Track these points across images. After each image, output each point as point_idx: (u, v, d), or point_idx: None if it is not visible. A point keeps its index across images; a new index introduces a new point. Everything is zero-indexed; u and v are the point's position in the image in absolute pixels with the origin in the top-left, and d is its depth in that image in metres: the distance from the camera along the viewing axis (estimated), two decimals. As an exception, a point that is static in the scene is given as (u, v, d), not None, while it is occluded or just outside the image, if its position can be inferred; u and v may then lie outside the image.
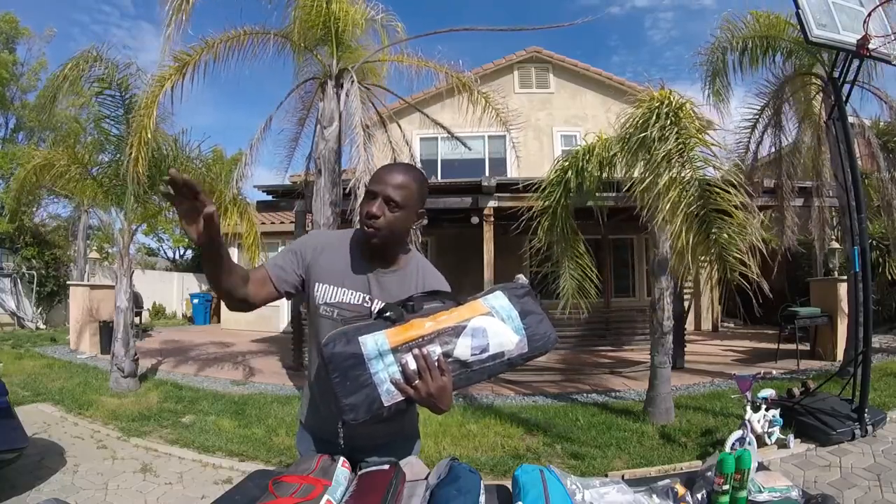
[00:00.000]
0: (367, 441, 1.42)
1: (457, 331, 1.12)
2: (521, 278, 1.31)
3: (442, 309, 1.17)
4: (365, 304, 1.35)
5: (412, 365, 1.08)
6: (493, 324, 1.15)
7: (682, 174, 3.79)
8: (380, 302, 1.34)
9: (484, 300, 1.20)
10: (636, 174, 4.29)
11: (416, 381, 1.08)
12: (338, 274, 1.36)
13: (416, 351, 1.09)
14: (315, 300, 1.36)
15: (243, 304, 1.30)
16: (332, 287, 1.35)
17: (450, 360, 1.12)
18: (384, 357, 1.08)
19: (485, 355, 1.14)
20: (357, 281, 1.36)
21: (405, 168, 1.39)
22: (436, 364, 1.09)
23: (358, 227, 1.45)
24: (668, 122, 3.87)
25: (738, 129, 7.21)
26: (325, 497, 1.07)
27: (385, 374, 1.08)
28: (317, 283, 1.36)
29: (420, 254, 1.51)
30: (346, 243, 1.40)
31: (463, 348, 1.12)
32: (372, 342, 1.08)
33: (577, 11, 40.41)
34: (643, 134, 3.94)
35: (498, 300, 1.20)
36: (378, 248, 1.34)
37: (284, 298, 1.44)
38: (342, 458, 1.24)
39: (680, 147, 3.82)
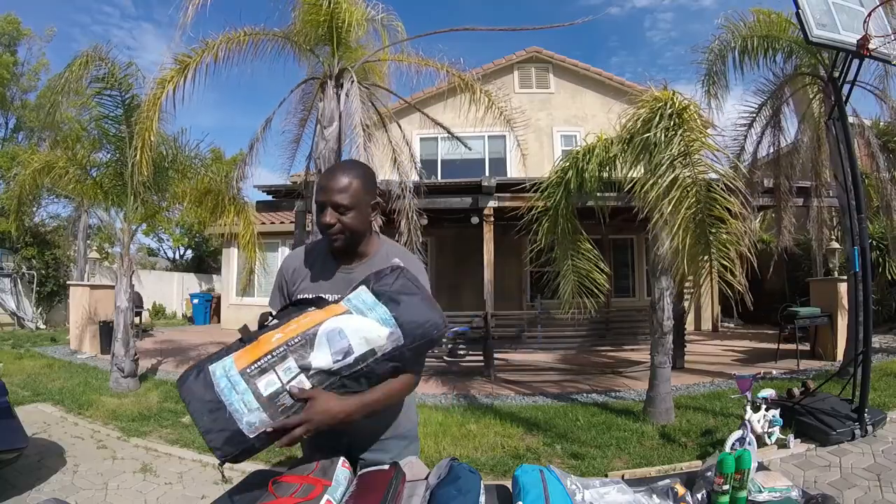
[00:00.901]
0: (360, 440, 1.43)
1: (308, 339, 1.04)
2: (396, 261, 1.27)
3: (296, 316, 1.10)
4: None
5: (265, 390, 1.01)
6: (350, 322, 1.07)
7: (685, 176, 3.79)
8: None
9: (346, 300, 1.13)
10: (638, 174, 4.29)
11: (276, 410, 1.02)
12: (315, 282, 1.45)
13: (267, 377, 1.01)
14: None
15: None
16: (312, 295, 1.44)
17: (312, 372, 1.04)
18: (235, 385, 0.99)
19: (351, 358, 1.06)
20: (332, 283, 1.43)
21: (344, 168, 1.42)
22: (286, 391, 1.02)
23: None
24: (672, 123, 3.87)
25: (735, 127, 7.22)
26: (325, 497, 1.06)
27: (241, 405, 0.99)
28: (301, 295, 1.44)
29: (388, 238, 1.56)
30: (317, 252, 1.49)
31: (322, 357, 1.04)
32: (220, 370, 0.99)
33: (577, 12, 40.46)
34: (647, 135, 3.93)
35: (358, 295, 1.13)
36: (343, 249, 1.41)
37: None
38: (342, 459, 1.23)
39: (683, 150, 3.82)
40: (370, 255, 1.45)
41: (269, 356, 1.02)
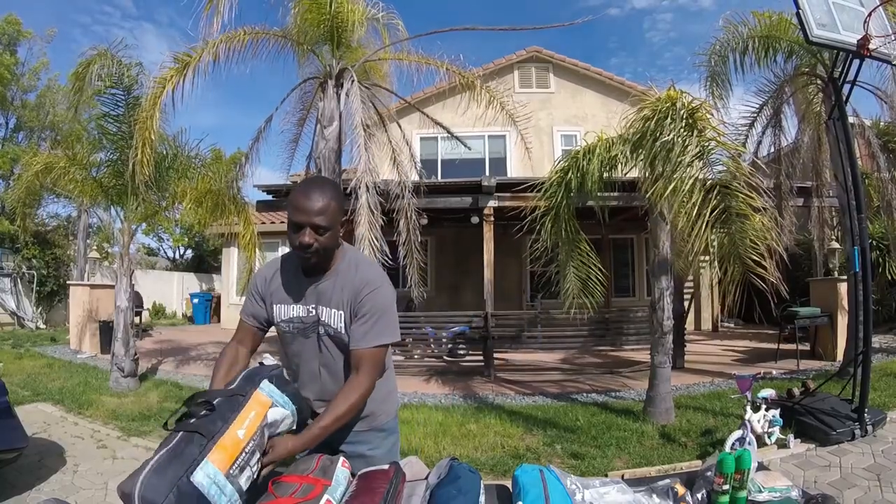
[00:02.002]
0: (339, 434, 1.47)
1: (261, 430, 1.16)
2: (268, 357, 1.43)
3: (237, 410, 1.15)
4: (310, 314, 1.50)
5: (245, 484, 1.07)
6: (275, 412, 1.23)
7: (705, 176, 3.81)
8: (322, 308, 1.47)
9: (260, 390, 1.24)
10: (648, 174, 4.29)
11: None
12: (285, 294, 1.53)
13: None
14: (275, 319, 1.55)
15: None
16: (283, 306, 1.53)
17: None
18: (223, 489, 1.01)
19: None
20: (301, 296, 1.51)
21: (320, 189, 1.43)
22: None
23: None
24: (685, 124, 3.87)
25: (736, 127, 7.22)
26: (325, 497, 1.07)
27: None
28: (273, 306, 1.54)
29: (349, 245, 1.60)
30: (288, 265, 1.55)
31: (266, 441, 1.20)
32: (206, 479, 0.99)
33: (577, 12, 40.43)
34: (667, 139, 3.90)
35: (269, 388, 1.26)
36: (316, 265, 1.47)
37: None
38: (342, 458, 1.24)
39: (699, 151, 3.82)
40: (335, 267, 1.50)
41: (244, 454, 1.09)
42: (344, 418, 1.37)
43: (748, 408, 3.73)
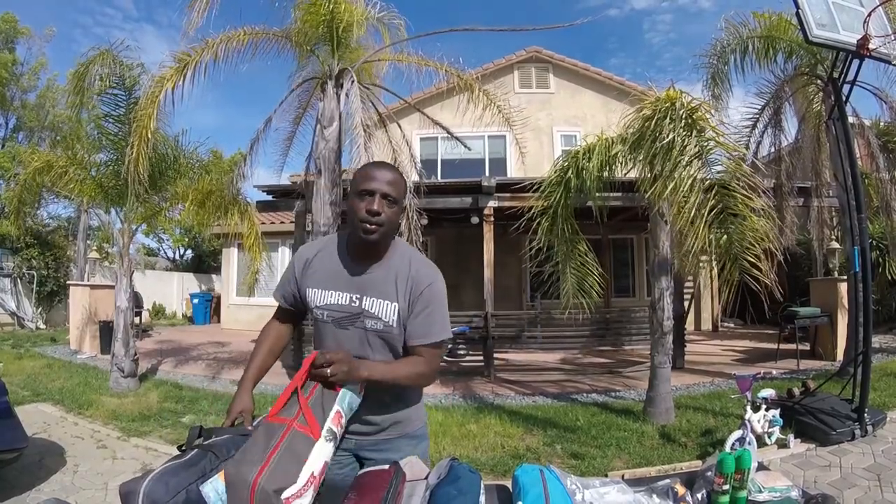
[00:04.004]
0: (368, 441, 1.43)
1: None
2: None
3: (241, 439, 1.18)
4: (353, 304, 1.39)
5: None
6: None
7: (704, 176, 3.81)
8: (369, 298, 1.39)
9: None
10: (647, 174, 4.29)
11: None
12: (326, 278, 1.43)
13: None
14: (309, 305, 1.45)
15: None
16: (321, 291, 1.42)
17: None
18: None
19: None
20: (345, 282, 1.41)
21: (390, 165, 1.44)
22: None
23: (344, 231, 1.49)
24: (684, 123, 3.87)
25: (738, 128, 7.22)
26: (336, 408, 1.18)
27: None
28: (308, 290, 1.44)
29: (403, 240, 1.54)
30: (333, 248, 1.45)
31: None
32: (213, 492, 1.04)
33: (577, 13, 40.41)
34: (667, 139, 3.90)
35: None
36: (374, 245, 1.37)
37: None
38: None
39: (698, 151, 3.82)
40: (388, 258, 1.42)
41: None
42: (399, 380, 1.37)
43: (748, 408, 3.73)
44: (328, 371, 1.17)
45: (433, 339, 1.40)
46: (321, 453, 1.10)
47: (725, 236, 3.78)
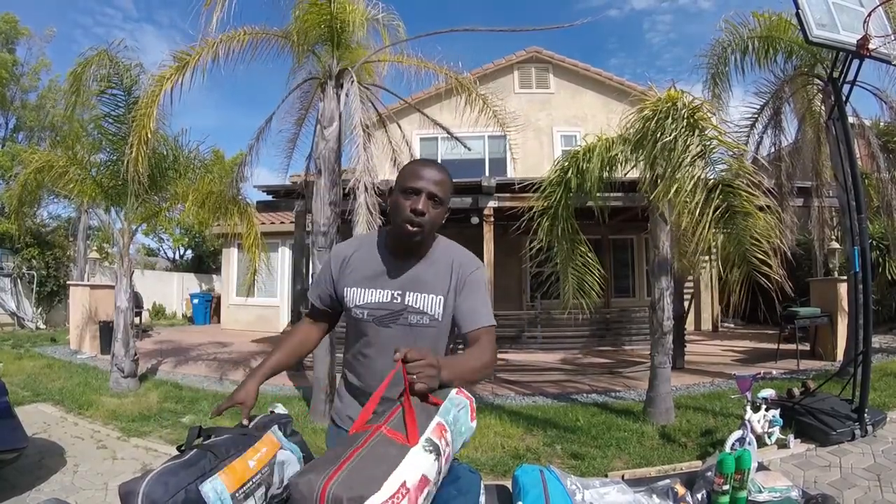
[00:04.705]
0: None
1: (271, 467, 1.17)
2: (278, 406, 1.42)
3: (250, 445, 1.18)
4: (395, 301, 1.36)
5: None
6: (285, 454, 1.24)
7: (706, 175, 3.81)
8: (412, 294, 1.35)
9: (271, 432, 1.26)
10: (648, 174, 4.29)
11: None
12: (365, 276, 1.39)
13: None
14: (347, 304, 1.41)
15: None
16: (360, 290, 1.39)
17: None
18: None
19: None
20: (385, 279, 1.38)
21: (438, 165, 1.39)
22: None
23: (385, 228, 1.46)
24: (686, 123, 3.87)
25: (737, 128, 7.22)
26: (437, 420, 1.01)
27: None
28: (346, 289, 1.40)
29: (441, 235, 1.49)
30: (372, 245, 1.43)
31: (276, 486, 1.20)
32: (213, 493, 1.02)
33: (577, 13, 40.41)
34: (667, 138, 3.89)
35: (278, 433, 1.28)
36: (417, 244, 1.35)
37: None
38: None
39: (701, 150, 3.82)
40: (431, 252, 1.40)
41: (251, 482, 1.11)
42: (471, 374, 1.22)
43: (748, 408, 3.73)
44: (415, 377, 0.97)
45: (491, 322, 1.35)
46: (418, 463, 0.92)
47: (731, 236, 3.78)
